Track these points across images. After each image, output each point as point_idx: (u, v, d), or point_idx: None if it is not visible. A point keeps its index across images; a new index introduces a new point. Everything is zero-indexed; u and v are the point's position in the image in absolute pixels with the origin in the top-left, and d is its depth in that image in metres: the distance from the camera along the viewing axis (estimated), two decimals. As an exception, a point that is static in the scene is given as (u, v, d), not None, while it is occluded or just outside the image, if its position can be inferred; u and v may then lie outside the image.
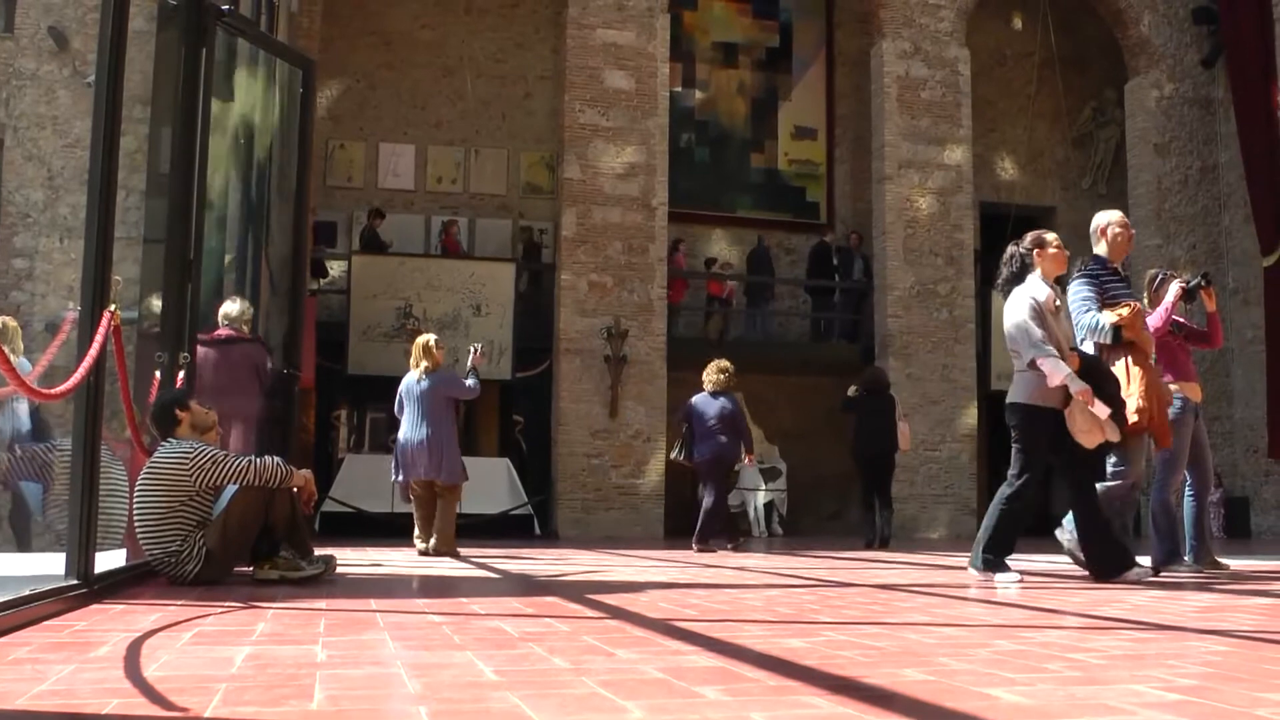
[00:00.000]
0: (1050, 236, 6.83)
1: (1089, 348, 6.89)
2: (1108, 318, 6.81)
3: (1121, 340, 6.82)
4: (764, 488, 18.08)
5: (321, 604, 4.63)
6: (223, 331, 8.09)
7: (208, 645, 3.24)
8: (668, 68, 17.72)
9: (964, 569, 7.73)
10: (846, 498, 19.28)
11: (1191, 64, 19.90)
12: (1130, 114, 20.09)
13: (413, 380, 9.97)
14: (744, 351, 18.79)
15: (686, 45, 20.05)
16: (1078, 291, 7.00)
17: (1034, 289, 6.53)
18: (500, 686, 2.52)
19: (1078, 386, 6.20)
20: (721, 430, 11.57)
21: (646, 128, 17.19)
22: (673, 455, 12.25)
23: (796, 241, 20.31)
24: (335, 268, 17.91)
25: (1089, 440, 6.33)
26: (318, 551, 6.04)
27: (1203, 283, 7.90)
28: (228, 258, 8.84)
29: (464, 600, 5.13)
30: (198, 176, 6.65)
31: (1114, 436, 6.37)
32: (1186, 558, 8.13)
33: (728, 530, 11.98)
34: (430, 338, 10.15)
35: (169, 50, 6.74)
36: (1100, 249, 7.16)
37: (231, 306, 8.22)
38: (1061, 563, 8.76)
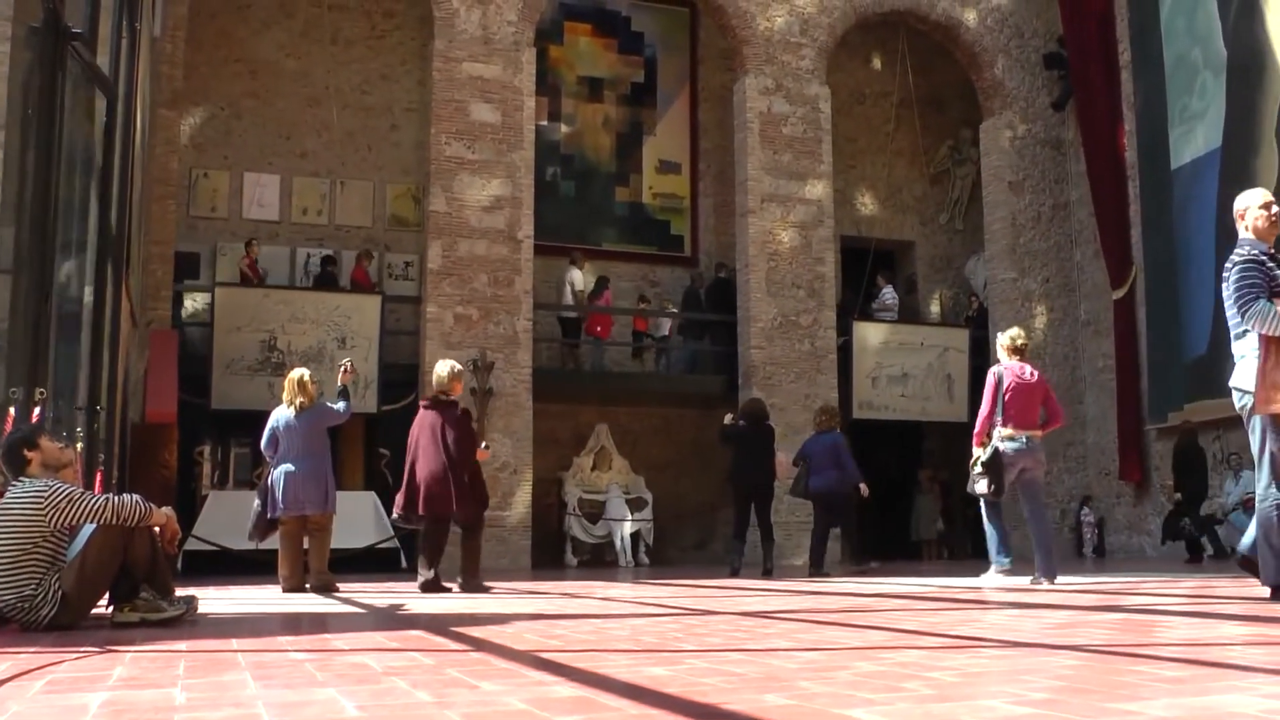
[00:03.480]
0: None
1: (1252, 340, 6.37)
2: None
3: None
4: (630, 518, 18.11)
5: (182, 645, 4.56)
6: (433, 394, 9.60)
7: (61, 693, 3.17)
8: (533, 101, 17.75)
9: (827, 594, 7.84)
10: (711, 528, 19.44)
11: (1043, 106, 20.52)
12: (985, 153, 20.62)
13: (289, 415, 9.88)
14: (610, 383, 18.91)
15: (552, 79, 20.13)
16: (1243, 276, 6.37)
17: None
18: (363, 723, 2.53)
19: None
20: (832, 465, 12.94)
21: (512, 161, 17.21)
22: (789, 492, 13.71)
23: (661, 274, 20.48)
24: (198, 300, 17.60)
25: None
26: (179, 591, 5.93)
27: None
28: (87, 290, 8.68)
29: (327, 636, 5.09)
30: (54, 205, 6.51)
31: None
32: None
33: (817, 556, 13.05)
34: (304, 372, 10.08)
35: (23, 74, 6.61)
36: (1246, 234, 6.62)
37: (438, 368, 9.74)
38: (925, 585, 8.93)
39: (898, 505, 20.71)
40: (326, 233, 18.56)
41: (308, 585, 9.65)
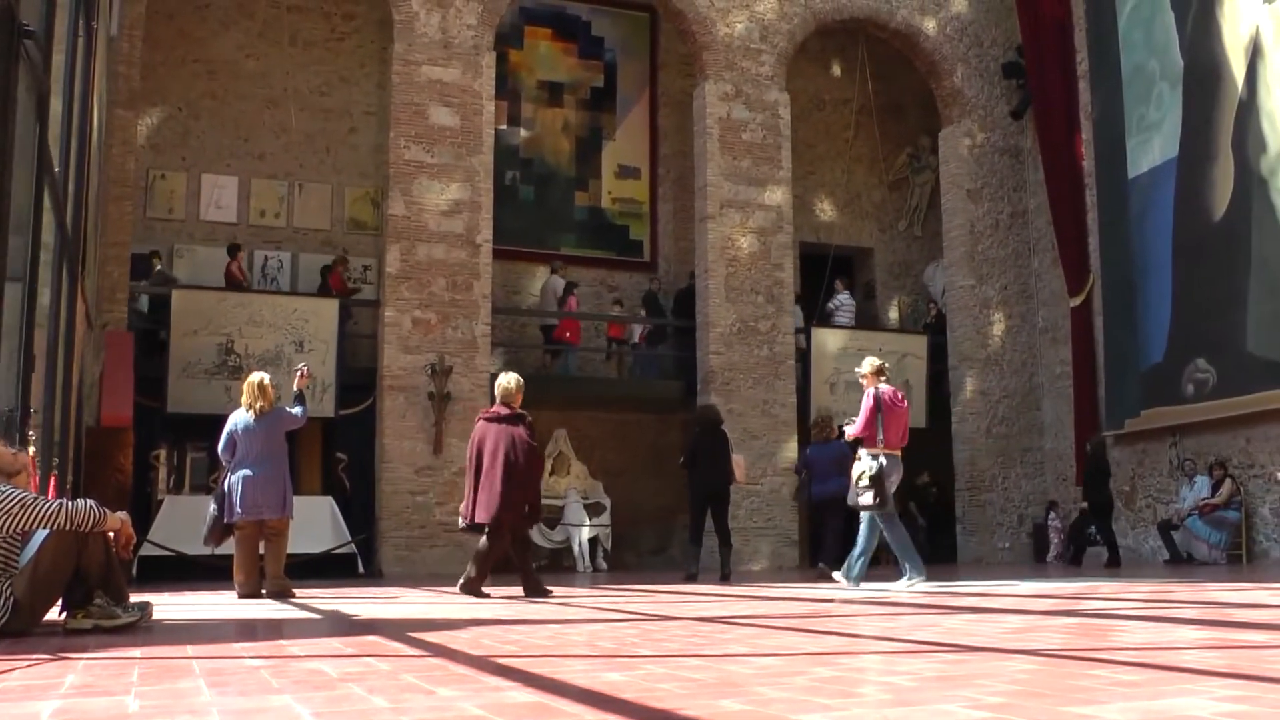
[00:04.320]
0: None
1: None
2: None
3: None
4: (588, 523, 18.10)
5: (136, 652, 4.51)
6: (496, 408, 9.82)
7: (11, 702, 3.12)
8: (493, 105, 17.71)
9: (785, 599, 7.86)
10: (669, 533, 19.44)
11: (1001, 115, 20.64)
12: (944, 160, 20.72)
13: (248, 419, 9.82)
14: (569, 388, 18.89)
15: (512, 83, 20.12)
16: None
17: None
18: (318, 730, 2.52)
19: None
20: (839, 473, 12.90)
21: (471, 165, 17.16)
22: (792, 498, 14.33)
23: (620, 279, 20.48)
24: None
25: None
26: (134, 598, 5.88)
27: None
28: (46, 292, 8.59)
29: (283, 643, 5.06)
30: (6, 205, 6.43)
31: None
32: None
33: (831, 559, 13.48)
34: (263, 376, 10.02)
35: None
36: None
37: (502, 379, 10.03)
38: (882, 590, 8.96)
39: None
40: (285, 235, 18.47)
41: (264, 591, 9.60)
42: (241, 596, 9.47)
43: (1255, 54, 15.89)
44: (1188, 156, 16.98)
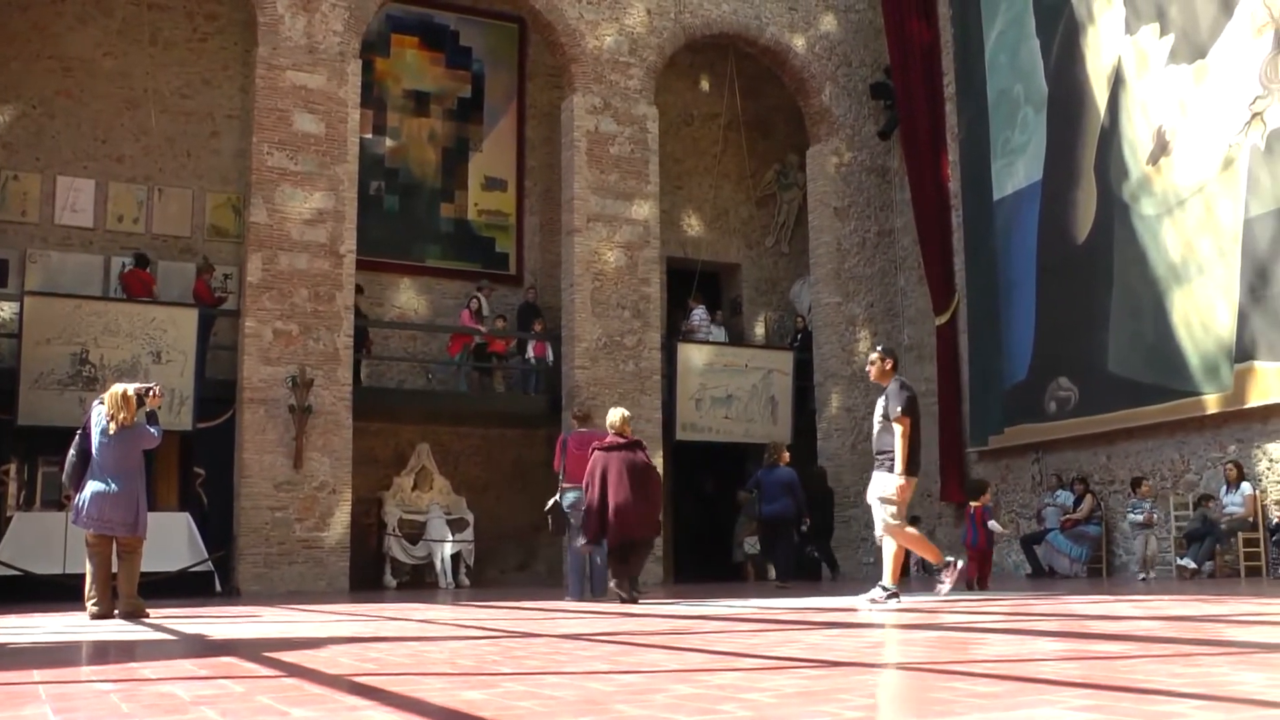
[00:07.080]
0: None
1: None
2: None
3: None
4: (451, 539, 17.94)
5: (-24, 676, 4.36)
6: (611, 439, 11.21)
7: None
8: (358, 113, 17.47)
9: (648, 616, 7.86)
10: (533, 549, 19.34)
11: (869, 135, 20.95)
12: (811, 178, 20.95)
13: (109, 430, 9.49)
14: (432, 402, 18.74)
15: (378, 92, 19.90)
16: None
17: None
18: (166, 757, 2.44)
19: None
20: (785, 494, 15.10)
21: (336, 173, 16.91)
22: (742, 513, 15.88)
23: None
24: (5, 309, 16.91)
25: None
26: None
27: None
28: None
29: (135, 665, 4.93)
30: None
31: None
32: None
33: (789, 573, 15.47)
34: (129, 387, 9.71)
35: None
36: None
37: (611, 415, 11.52)
38: (749, 606, 9.01)
39: (718, 527, 20.84)
40: (144, 242, 17.96)
41: (117, 611, 9.33)
42: (94, 618, 9.20)
43: (1117, 83, 16.35)
44: (1051, 180, 17.41)
